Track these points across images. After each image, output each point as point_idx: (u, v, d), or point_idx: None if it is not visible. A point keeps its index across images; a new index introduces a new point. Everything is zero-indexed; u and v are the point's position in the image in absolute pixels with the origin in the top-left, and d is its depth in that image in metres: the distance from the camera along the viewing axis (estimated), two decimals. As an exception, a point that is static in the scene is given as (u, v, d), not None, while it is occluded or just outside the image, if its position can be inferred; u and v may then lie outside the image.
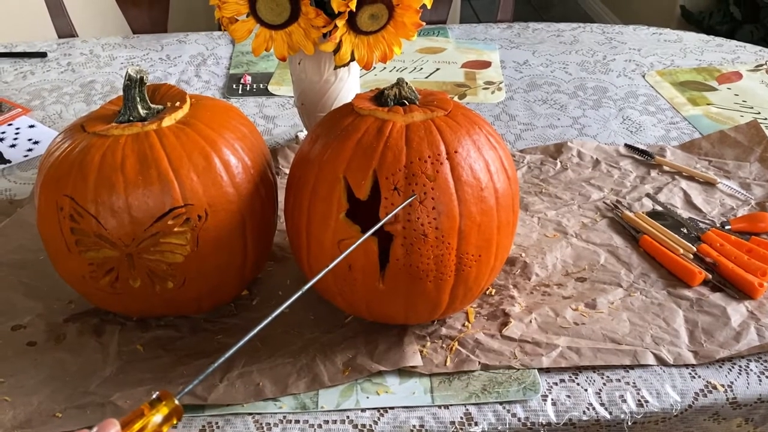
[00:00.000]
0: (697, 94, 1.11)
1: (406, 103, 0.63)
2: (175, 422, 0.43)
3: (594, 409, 0.60)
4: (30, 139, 1.00)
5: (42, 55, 1.25)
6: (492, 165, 0.60)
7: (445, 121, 0.61)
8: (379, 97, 0.64)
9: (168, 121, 0.62)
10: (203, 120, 0.63)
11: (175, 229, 0.60)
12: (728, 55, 1.24)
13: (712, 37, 1.32)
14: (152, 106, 0.64)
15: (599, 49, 1.27)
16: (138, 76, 0.62)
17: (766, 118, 1.03)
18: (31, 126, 1.04)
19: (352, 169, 0.59)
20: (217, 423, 0.59)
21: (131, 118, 0.62)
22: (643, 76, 1.17)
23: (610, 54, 1.25)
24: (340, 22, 0.75)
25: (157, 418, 0.42)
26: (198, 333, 0.68)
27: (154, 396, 0.43)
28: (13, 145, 0.99)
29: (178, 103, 0.64)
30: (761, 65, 1.20)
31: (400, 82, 0.64)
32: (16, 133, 1.02)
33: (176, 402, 0.43)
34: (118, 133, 0.61)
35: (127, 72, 0.62)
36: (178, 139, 0.61)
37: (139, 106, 0.63)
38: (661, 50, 1.26)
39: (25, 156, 0.97)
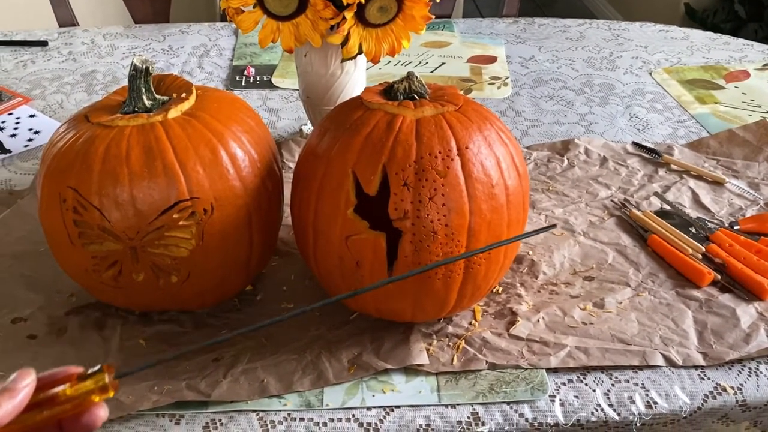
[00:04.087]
0: (705, 92, 1.10)
1: (416, 97, 0.62)
2: (111, 394, 0.43)
3: (602, 410, 0.60)
4: (30, 129, 0.99)
5: (42, 43, 1.23)
6: (503, 161, 0.60)
7: (456, 117, 0.60)
8: (389, 91, 0.63)
9: (174, 113, 0.61)
10: (210, 112, 0.62)
11: (180, 223, 0.59)
12: (735, 53, 1.23)
13: (719, 35, 1.31)
14: (158, 97, 0.63)
15: (606, 46, 1.26)
16: (144, 66, 0.61)
17: (774, 118, 1.02)
18: (32, 116, 1.03)
19: (361, 163, 0.58)
20: (220, 420, 0.58)
21: (136, 109, 0.61)
22: (650, 74, 1.16)
23: (616, 51, 1.24)
24: (349, 14, 0.73)
25: (87, 385, 0.43)
26: (201, 328, 0.67)
27: (95, 369, 0.43)
28: (13, 135, 0.98)
29: (184, 95, 0.63)
30: (769, 64, 1.19)
31: (410, 76, 0.62)
32: (17, 123, 1.01)
33: (109, 379, 0.43)
34: (123, 124, 0.59)
35: (132, 62, 0.61)
36: (184, 131, 0.59)
37: (145, 97, 0.62)
38: (667, 48, 1.25)
39: (26, 146, 0.95)
